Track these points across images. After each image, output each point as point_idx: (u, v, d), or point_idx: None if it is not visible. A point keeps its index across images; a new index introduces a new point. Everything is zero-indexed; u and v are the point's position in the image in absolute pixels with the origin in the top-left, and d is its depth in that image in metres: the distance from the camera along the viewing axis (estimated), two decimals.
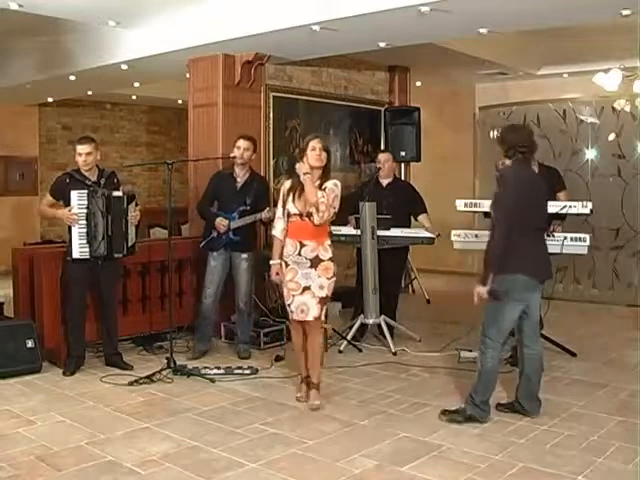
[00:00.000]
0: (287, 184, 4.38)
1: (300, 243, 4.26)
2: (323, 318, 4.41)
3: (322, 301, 4.28)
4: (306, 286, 4.26)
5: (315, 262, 4.26)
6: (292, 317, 4.35)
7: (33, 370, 5.01)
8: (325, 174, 4.31)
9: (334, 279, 4.33)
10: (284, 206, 4.34)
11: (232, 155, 5.46)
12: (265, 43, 6.12)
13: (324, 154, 4.28)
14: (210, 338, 5.68)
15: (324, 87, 7.74)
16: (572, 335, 6.08)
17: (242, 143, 5.45)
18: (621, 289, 7.94)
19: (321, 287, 4.27)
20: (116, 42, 6.86)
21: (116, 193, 5.06)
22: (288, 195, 4.32)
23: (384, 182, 6.15)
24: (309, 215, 4.23)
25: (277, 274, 4.38)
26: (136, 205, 5.15)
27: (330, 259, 4.31)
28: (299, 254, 4.26)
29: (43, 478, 3.31)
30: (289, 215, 4.31)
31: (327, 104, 7.76)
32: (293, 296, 4.29)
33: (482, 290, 3.90)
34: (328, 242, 4.33)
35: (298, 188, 4.28)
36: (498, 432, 3.89)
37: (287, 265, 4.31)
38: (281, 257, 4.35)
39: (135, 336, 5.82)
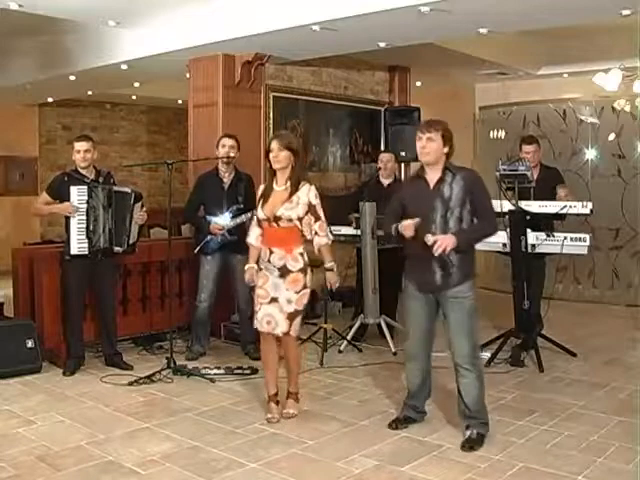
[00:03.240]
0: (261, 189, 4.18)
1: (269, 250, 4.01)
2: (295, 334, 4.06)
3: (290, 316, 3.98)
4: (274, 297, 3.99)
5: (284, 272, 3.98)
6: (257, 327, 4.08)
7: (33, 370, 5.00)
8: (293, 175, 4.03)
9: (306, 291, 4.02)
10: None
11: (231, 155, 5.45)
12: (265, 43, 6.12)
13: (283, 154, 3.98)
14: (207, 340, 5.67)
15: (324, 87, 7.74)
16: (572, 335, 6.08)
17: (227, 141, 5.44)
18: (621, 289, 7.94)
19: (289, 301, 3.97)
20: (116, 42, 6.86)
21: (123, 189, 5.13)
22: (259, 201, 4.10)
23: (385, 182, 6.14)
24: (276, 220, 3.97)
25: (250, 277, 4.13)
26: (142, 207, 5.16)
27: (301, 270, 3.98)
28: (268, 261, 4.01)
29: (43, 478, 3.31)
30: (259, 221, 4.09)
31: (327, 104, 7.77)
32: (261, 304, 4.03)
33: (452, 245, 3.54)
34: (299, 250, 4.00)
35: (266, 193, 4.06)
36: (498, 432, 3.88)
37: (260, 270, 4.08)
38: (258, 262, 4.14)
39: (135, 336, 5.82)
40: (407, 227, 3.63)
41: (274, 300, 4.00)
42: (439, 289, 3.69)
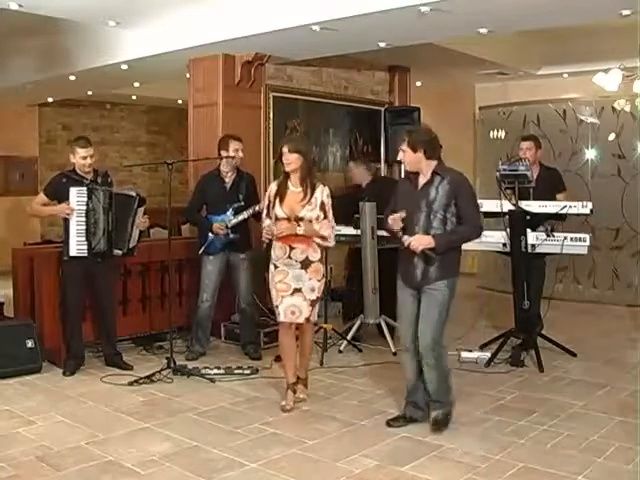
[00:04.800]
0: (273, 187, 4.35)
1: (290, 246, 4.22)
2: (315, 319, 4.41)
3: (313, 303, 4.28)
4: (297, 288, 4.24)
5: (305, 264, 4.24)
6: (280, 319, 4.30)
7: (33, 370, 5.00)
8: (305, 177, 4.25)
9: (324, 279, 4.37)
10: (269, 208, 4.30)
11: (232, 155, 5.44)
12: (265, 43, 6.12)
13: (293, 156, 4.21)
14: (207, 340, 5.67)
15: (324, 87, 7.74)
16: (572, 335, 6.08)
17: (238, 145, 5.46)
18: (621, 289, 7.94)
19: (312, 289, 4.26)
20: (116, 42, 6.86)
21: (126, 192, 5.14)
22: (275, 198, 4.28)
23: (363, 183, 6.19)
24: (297, 219, 4.19)
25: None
26: (144, 212, 5.15)
27: (320, 260, 4.30)
28: (289, 257, 4.24)
29: (43, 478, 3.32)
30: (277, 218, 4.26)
31: (327, 104, 7.76)
32: (282, 297, 4.26)
33: (427, 244, 3.74)
34: (317, 242, 4.29)
35: (281, 192, 4.26)
36: (498, 432, 3.89)
37: (276, 267, 4.29)
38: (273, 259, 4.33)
39: (135, 336, 5.82)
40: (394, 220, 3.86)
41: (297, 291, 4.25)
42: (419, 284, 3.86)
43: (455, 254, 3.90)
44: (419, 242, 3.75)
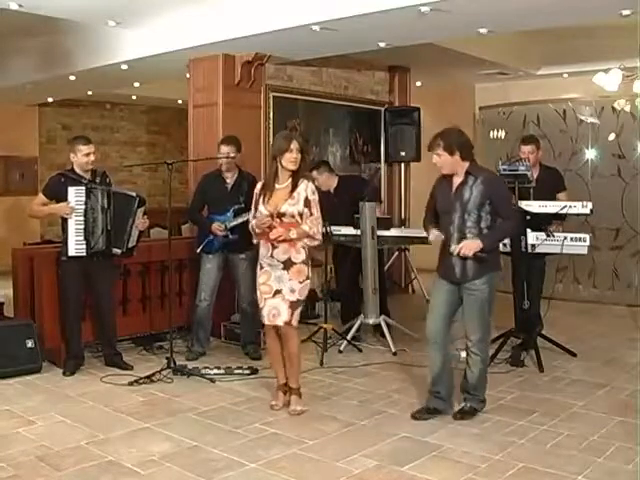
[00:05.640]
0: (259, 186, 4.27)
1: (272, 245, 4.13)
2: (296, 323, 4.17)
3: (293, 305, 4.12)
4: (278, 289, 4.13)
5: (287, 264, 4.12)
6: (264, 321, 4.22)
7: (33, 370, 5.00)
8: (297, 174, 4.14)
9: (307, 282, 4.17)
10: (256, 208, 4.21)
11: (232, 155, 5.44)
12: (265, 43, 6.12)
13: (300, 155, 4.12)
14: (207, 340, 5.67)
15: (324, 87, 7.75)
16: (572, 335, 6.08)
17: (223, 149, 5.43)
18: (621, 289, 7.94)
19: (292, 291, 4.12)
20: (116, 42, 6.86)
21: (126, 192, 5.14)
22: (259, 197, 4.19)
23: (330, 189, 6.15)
24: (280, 216, 4.08)
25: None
26: (144, 213, 5.13)
27: (303, 261, 4.14)
28: (271, 256, 4.14)
29: (43, 478, 3.31)
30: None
31: (327, 104, 7.77)
32: (265, 299, 4.17)
33: (477, 248, 3.85)
34: (301, 244, 4.15)
35: (267, 191, 4.16)
36: (498, 432, 3.89)
37: (262, 267, 4.21)
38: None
39: (135, 336, 5.82)
40: (434, 236, 4.10)
41: (278, 292, 4.16)
42: (458, 281, 4.00)
43: (495, 249, 4.04)
44: (468, 248, 3.85)
